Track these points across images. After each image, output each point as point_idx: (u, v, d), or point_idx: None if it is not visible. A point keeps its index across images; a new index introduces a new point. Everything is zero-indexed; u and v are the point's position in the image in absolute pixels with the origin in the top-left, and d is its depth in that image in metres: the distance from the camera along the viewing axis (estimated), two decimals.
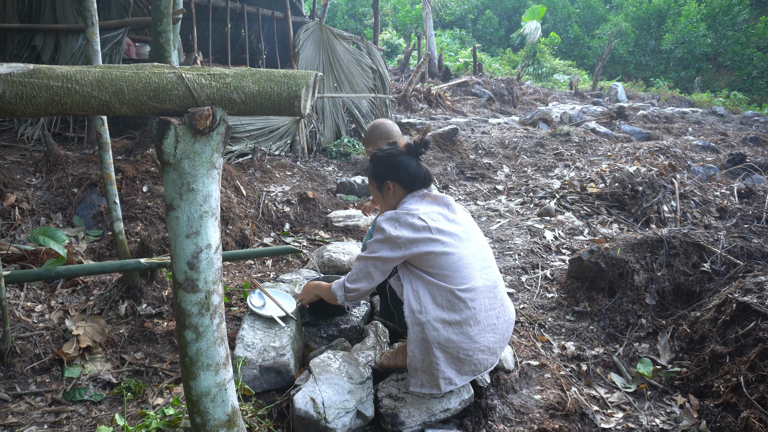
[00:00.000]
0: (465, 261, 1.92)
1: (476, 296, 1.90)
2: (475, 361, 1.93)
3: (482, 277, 1.95)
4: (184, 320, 1.38)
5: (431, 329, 1.87)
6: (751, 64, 23.05)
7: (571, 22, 27.84)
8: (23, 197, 3.56)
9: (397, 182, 2.06)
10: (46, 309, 2.59)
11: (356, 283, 2.01)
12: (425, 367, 1.92)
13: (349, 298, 2.06)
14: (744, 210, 4.17)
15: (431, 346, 1.88)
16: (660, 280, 2.92)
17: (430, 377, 1.93)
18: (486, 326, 1.93)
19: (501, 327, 2.00)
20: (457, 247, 1.92)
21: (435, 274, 1.90)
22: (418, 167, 2.06)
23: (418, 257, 1.91)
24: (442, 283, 1.89)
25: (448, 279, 1.89)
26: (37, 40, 5.22)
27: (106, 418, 1.99)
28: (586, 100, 15.51)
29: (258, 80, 1.30)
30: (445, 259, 1.89)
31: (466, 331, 1.89)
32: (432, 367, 1.91)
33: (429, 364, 1.91)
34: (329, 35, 6.96)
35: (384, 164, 2.09)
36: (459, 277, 1.89)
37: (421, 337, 1.89)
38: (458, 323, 1.88)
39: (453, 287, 1.88)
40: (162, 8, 4.02)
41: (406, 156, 2.07)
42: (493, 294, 1.98)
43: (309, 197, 4.59)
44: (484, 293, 1.94)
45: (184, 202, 1.30)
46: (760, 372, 2.07)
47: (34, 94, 1.14)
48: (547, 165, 6.76)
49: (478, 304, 1.90)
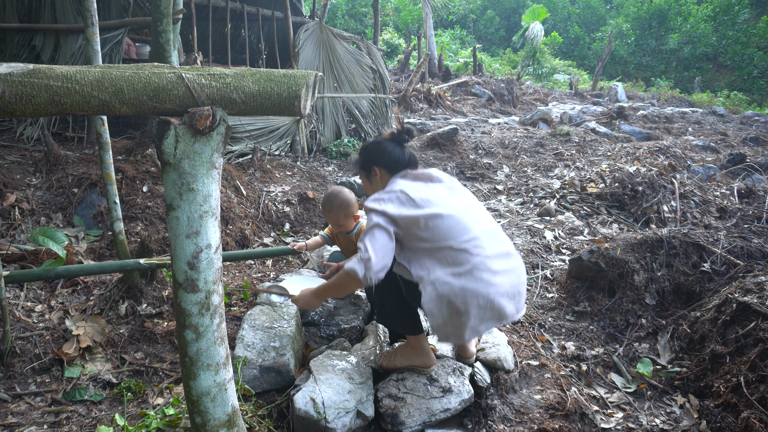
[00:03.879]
0: (456, 218, 1.93)
1: (478, 243, 1.89)
2: (497, 307, 1.88)
3: (478, 228, 1.95)
4: (184, 320, 1.38)
5: (443, 284, 1.85)
6: (752, 64, 23.03)
7: (571, 22, 27.83)
8: (23, 197, 3.56)
9: (383, 167, 2.13)
10: (46, 309, 2.59)
11: (379, 261, 1.85)
12: (448, 322, 1.89)
13: (377, 274, 1.86)
14: (744, 210, 4.17)
15: (448, 299, 1.85)
16: (660, 280, 2.92)
17: (454, 329, 1.90)
18: (498, 271, 1.90)
19: (515, 272, 1.97)
20: (445, 207, 1.94)
21: (430, 240, 1.90)
22: (401, 151, 2.14)
23: (409, 229, 1.91)
24: (440, 244, 1.89)
25: (443, 239, 1.89)
26: (37, 40, 5.21)
27: (106, 418, 1.99)
28: (586, 100, 15.51)
29: (258, 80, 1.30)
30: (435, 222, 1.91)
31: (479, 276, 1.85)
32: (454, 319, 1.87)
33: (450, 317, 1.87)
34: (329, 35, 6.96)
35: (369, 152, 2.18)
36: (454, 233, 1.90)
37: (435, 295, 1.87)
38: (469, 272, 1.85)
39: (451, 243, 1.88)
40: (162, 8, 4.02)
41: (390, 143, 2.16)
42: (496, 239, 1.97)
43: (309, 197, 4.59)
44: (486, 239, 1.93)
45: (184, 202, 1.30)
46: (761, 372, 2.06)
47: (34, 94, 1.14)
48: (547, 165, 6.75)
49: (482, 251, 1.89)
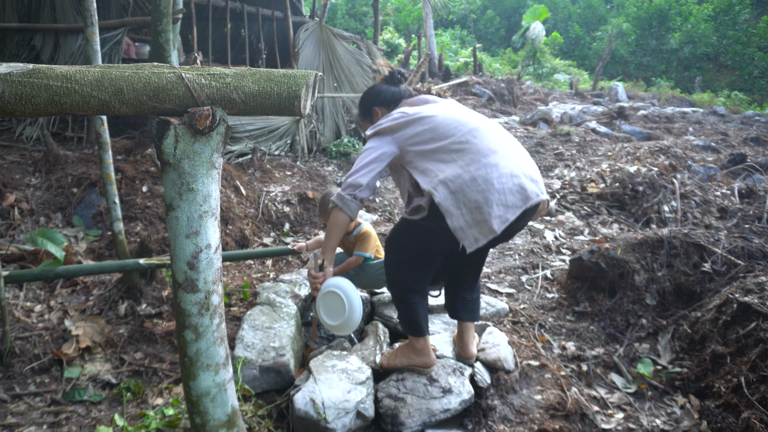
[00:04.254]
0: (453, 116, 1.97)
1: (479, 134, 1.91)
2: (518, 187, 1.83)
3: (477, 121, 1.98)
4: (183, 320, 1.38)
5: (453, 180, 1.81)
6: (752, 64, 22.99)
7: (571, 22, 27.81)
8: (23, 197, 3.55)
9: (381, 105, 2.22)
10: (45, 309, 2.59)
11: (353, 177, 1.96)
12: (470, 218, 1.80)
13: (351, 191, 1.95)
14: (745, 210, 4.17)
15: (464, 193, 1.79)
16: (660, 281, 2.92)
17: (480, 225, 1.80)
18: (505, 155, 1.88)
19: (522, 157, 1.96)
20: (442, 111, 2.00)
21: (431, 140, 1.94)
22: (397, 89, 2.24)
23: (407, 137, 1.96)
24: (441, 143, 1.92)
25: (444, 137, 1.93)
26: (37, 39, 5.21)
27: (106, 419, 1.99)
28: (586, 100, 15.48)
29: (258, 80, 1.30)
30: (433, 120, 1.96)
31: (487, 162, 1.82)
32: (476, 213, 1.79)
33: (472, 211, 1.79)
34: (329, 35, 6.96)
35: (367, 97, 2.29)
36: (453, 129, 1.93)
37: (448, 193, 1.80)
38: (475, 160, 1.83)
39: (452, 139, 1.91)
40: (162, 8, 4.02)
41: (385, 84, 2.27)
42: (494, 129, 1.99)
43: (309, 197, 4.59)
44: (489, 130, 1.95)
45: (184, 202, 1.30)
46: (761, 372, 2.06)
47: (34, 94, 1.13)
48: (548, 165, 6.74)
49: (487, 140, 1.90)
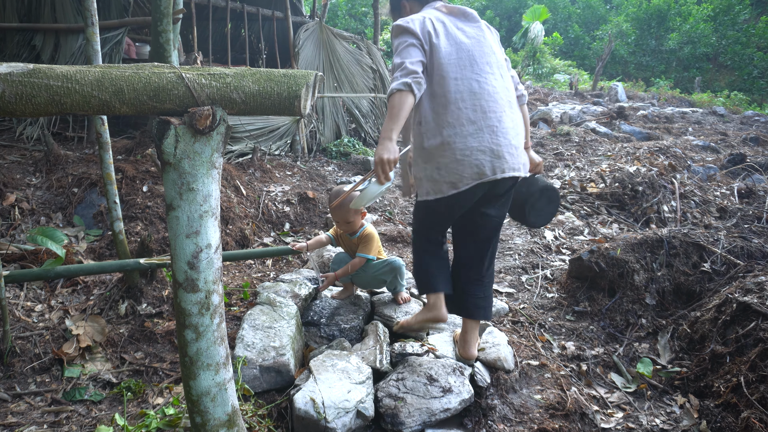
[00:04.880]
0: (447, 59, 1.93)
1: (456, 87, 1.91)
2: (476, 163, 1.91)
3: (466, 75, 1.93)
4: (184, 320, 1.38)
5: (426, 133, 1.95)
6: (752, 64, 22.98)
7: (571, 22, 27.81)
8: (23, 197, 3.55)
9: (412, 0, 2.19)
10: (46, 309, 2.59)
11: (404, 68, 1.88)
12: (428, 175, 1.98)
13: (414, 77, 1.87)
14: (744, 210, 4.17)
15: (429, 153, 1.96)
16: (660, 280, 2.92)
17: (433, 183, 1.98)
18: (482, 127, 1.91)
19: (504, 130, 1.94)
20: (444, 48, 1.94)
21: (429, 77, 1.95)
22: None
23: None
24: (429, 85, 1.94)
25: (430, 79, 1.94)
26: (37, 39, 5.21)
27: (106, 418, 1.99)
28: (586, 100, 15.48)
29: (258, 80, 1.30)
30: (432, 61, 1.93)
31: (459, 131, 1.91)
32: (434, 173, 1.96)
33: (431, 171, 1.97)
34: (329, 35, 6.96)
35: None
36: (437, 75, 1.93)
37: (419, 143, 2.00)
38: (450, 125, 1.91)
39: (431, 85, 1.93)
40: (162, 8, 4.02)
41: None
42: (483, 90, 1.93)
43: (309, 197, 4.59)
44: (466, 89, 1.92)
45: (184, 201, 1.30)
46: (761, 372, 2.06)
47: (34, 94, 1.14)
48: (547, 165, 6.75)
49: (460, 90, 1.91)
